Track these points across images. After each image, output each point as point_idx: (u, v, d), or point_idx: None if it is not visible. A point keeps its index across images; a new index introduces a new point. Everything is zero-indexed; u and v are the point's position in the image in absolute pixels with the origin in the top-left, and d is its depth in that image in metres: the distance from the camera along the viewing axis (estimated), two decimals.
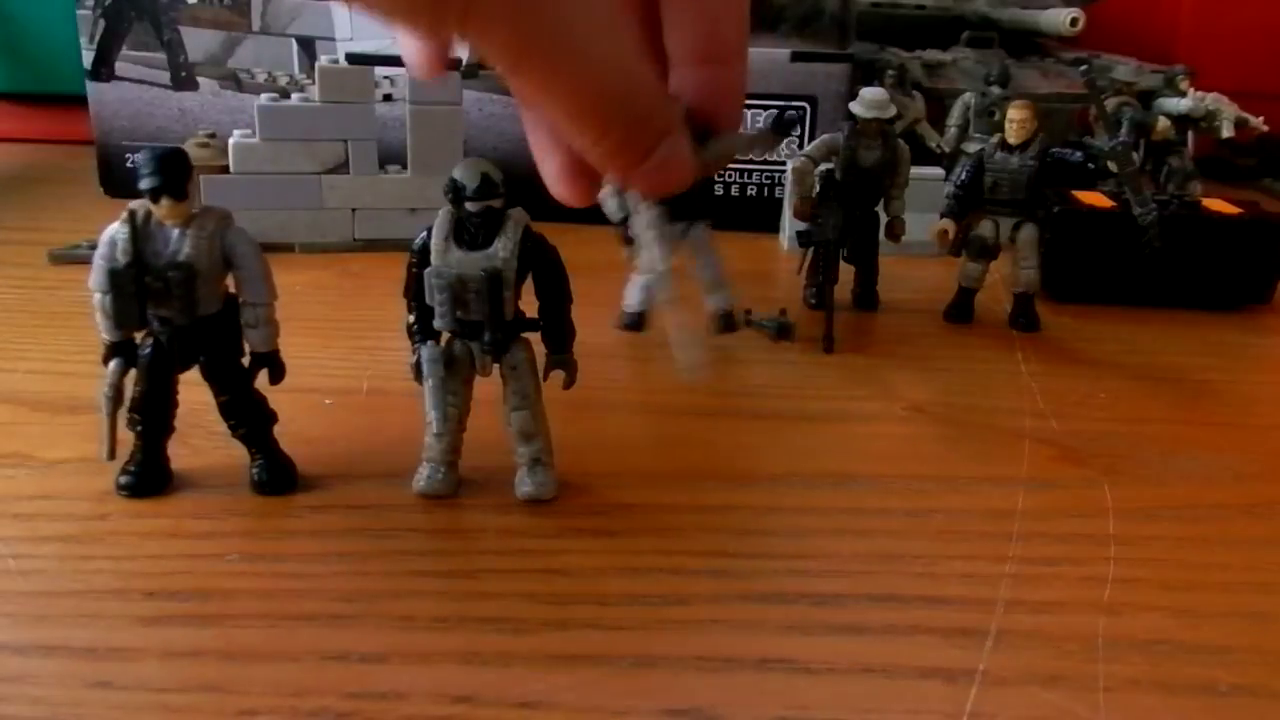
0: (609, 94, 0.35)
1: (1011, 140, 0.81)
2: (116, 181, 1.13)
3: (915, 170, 1.05)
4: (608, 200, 0.70)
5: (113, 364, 0.54)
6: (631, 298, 0.80)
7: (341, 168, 0.97)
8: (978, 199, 0.83)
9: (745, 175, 1.10)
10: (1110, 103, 1.12)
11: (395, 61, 1.02)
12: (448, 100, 0.97)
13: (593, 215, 1.08)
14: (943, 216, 0.84)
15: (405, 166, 0.99)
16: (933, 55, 1.26)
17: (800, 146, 1.11)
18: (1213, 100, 1.13)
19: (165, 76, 1.12)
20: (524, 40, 0.33)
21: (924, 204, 0.97)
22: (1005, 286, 0.88)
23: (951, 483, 0.59)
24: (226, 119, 1.09)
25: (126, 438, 0.55)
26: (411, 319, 0.54)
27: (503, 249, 0.52)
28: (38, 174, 1.22)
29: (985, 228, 0.83)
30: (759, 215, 1.09)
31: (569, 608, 0.47)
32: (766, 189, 1.08)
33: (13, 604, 0.46)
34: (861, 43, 1.17)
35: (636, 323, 0.80)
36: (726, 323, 0.75)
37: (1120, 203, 0.90)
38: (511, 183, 0.53)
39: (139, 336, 0.54)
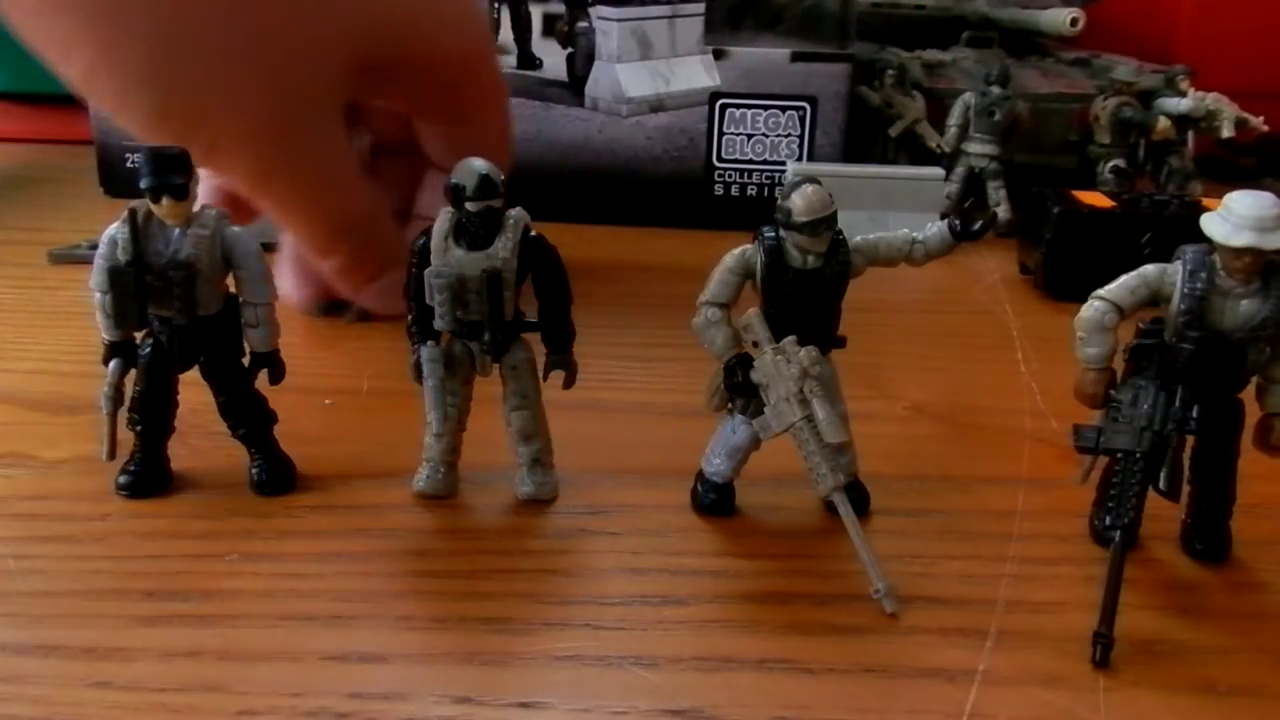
0: (338, 217, 0.45)
1: None
2: (116, 181, 1.13)
3: (915, 170, 1.05)
4: (708, 329, 0.52)
5: (113, 364, 0.54)
6: (718, 462, 0.55)
7: None
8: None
9: (745, 175, 1.10)
10: (1110, 102, 1.12)
11: None
12: None
13: (592, 216, 1.10)
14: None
15: None
16: (933, 55, 1.26)
17: (802, 156, 1.09)
18: (1213, 100, 1.13)
19: None
20: (265, 167, 0.42)
21: (923, 204, 0.98)
22: (1005, 286, 0.89)
23: (951, 483, 0.59)
24: None
25: (126, 438, 0.55)
26: (411, 319, 0.54)
27: (503, 249, 0.52)
28: (38, 174, 1.22)
29: None
30: (759, 216, 1.09)
31: (569, 608, 0.47)
32: (766, 189, 1.08)
33: (13, 604, 0.46)
34: (861, 43, 1.18)
35: (723, 501, 0.55)
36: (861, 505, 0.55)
37: (1121, 202, 0.90)
38: (511, 183, 0.53)
39: (139, 336, 0.54)
